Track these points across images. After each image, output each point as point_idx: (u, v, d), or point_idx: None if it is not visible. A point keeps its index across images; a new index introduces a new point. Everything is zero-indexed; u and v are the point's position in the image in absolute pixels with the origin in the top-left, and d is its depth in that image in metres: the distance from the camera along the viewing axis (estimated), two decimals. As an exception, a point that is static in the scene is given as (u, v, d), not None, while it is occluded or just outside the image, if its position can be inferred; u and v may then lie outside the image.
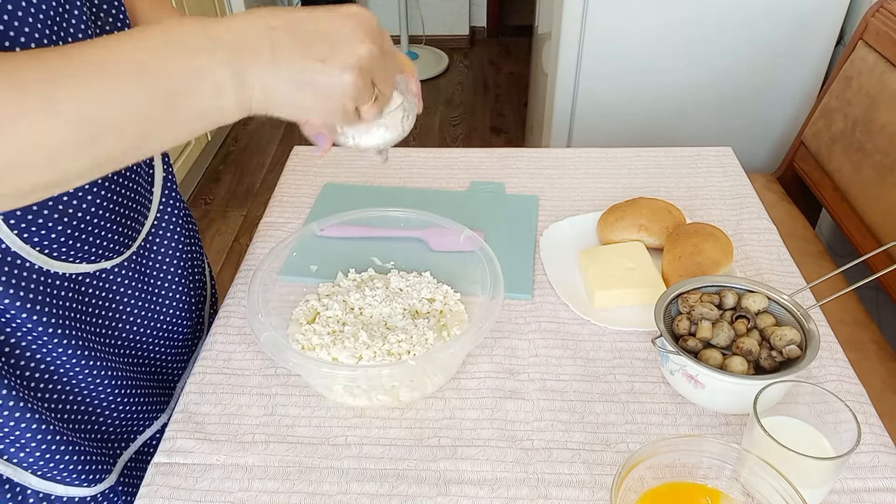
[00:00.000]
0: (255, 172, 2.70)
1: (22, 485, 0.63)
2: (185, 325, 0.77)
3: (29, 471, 0.63)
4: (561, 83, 1.70)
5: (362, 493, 0.64)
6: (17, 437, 0.60)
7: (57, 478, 0.64)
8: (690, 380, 0.68)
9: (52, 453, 0.63)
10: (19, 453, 0.61)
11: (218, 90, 0.43)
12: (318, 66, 0.45)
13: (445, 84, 3.35)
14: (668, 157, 1.11)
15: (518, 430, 0.69)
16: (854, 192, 1.31)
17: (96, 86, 0.40)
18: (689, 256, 0.83)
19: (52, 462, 0.63)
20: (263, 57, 0.44)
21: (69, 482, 0.65)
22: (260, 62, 0.44)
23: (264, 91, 0.45)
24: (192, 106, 0.43)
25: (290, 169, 1.10)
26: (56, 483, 0.64)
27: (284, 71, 0.45)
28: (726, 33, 1.60)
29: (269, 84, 0.45)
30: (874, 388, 0.94)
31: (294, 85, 0.45)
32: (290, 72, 0.45)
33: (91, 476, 0.67)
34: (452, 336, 0.74)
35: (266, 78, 0.44)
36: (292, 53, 0.45)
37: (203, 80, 0.43)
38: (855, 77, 1.36)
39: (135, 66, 0.41)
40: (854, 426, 0.56)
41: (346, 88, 0.46)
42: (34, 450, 0.62)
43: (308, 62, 0.45)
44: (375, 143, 0.58)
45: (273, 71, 0.44)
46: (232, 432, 0.70)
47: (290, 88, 0.45)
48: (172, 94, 0.42)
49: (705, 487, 0.58)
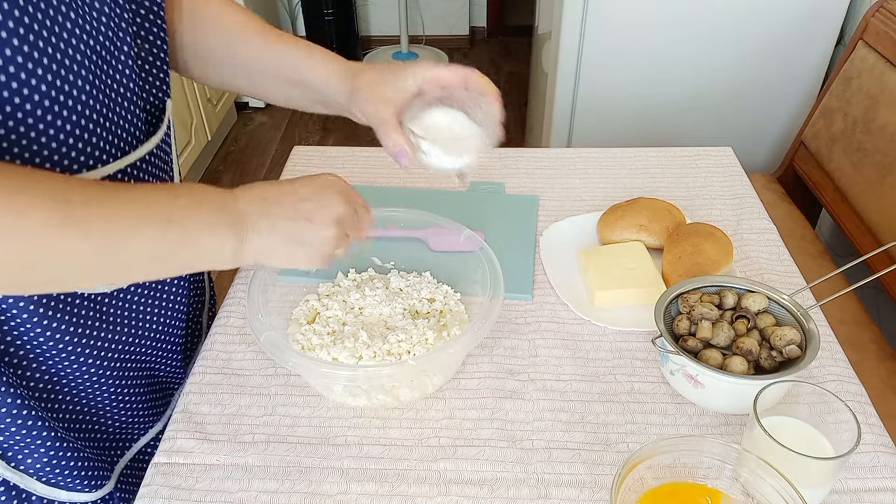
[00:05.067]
0: (255, 172, 2.70)
1: (28, 491, 0.64)
2: (182, 331, 0.77)
3: (34, 477, 0.64)
4: (561, 83, 1.70)
5: (362, 493, 0.64)
6: (25, 445, 0.62)
7: (61, 484, 0.65)
8: (690, 380, 0.68)
9: (57, 460, 0.64)
10: (26, 460, 0.63)
11: (218, 254, 0.54)
12: (306, 224, 0.57)
13: (445, 84, 3.35)
14: (668, 157, 1.11)
15: (518, 430, 0.69)
16: (854, 192, 1.31)
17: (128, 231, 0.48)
18: (689, 256, 0.83)
19: (57, 469, 0.64)
20: (260, 229, 0.55)
21: (72, 488, 0.66)
22: (256, 235, 0.55)
23: (256, 255, 0.56)
24: (193, 261, 0.54)
25: (290, 169, 1.10)
26: (60, 489, 0.66)
27: (277, 235, 0.56)
28: (726, 33, 1.60)
29: (262, 248, 0.55)
30: (874, 388, 0.94)
31: (285, 242, 0.56)
32: (283, 233, 0.56)
33: (93, 482, 0.68)
34: (452, 336, 0.74)
35: (261, 244, 0.55)
36: (284, 221, 0.56)
37: (208, 244, 0.53)
38: (855, 77, 1.36)
39: (163, 221, 0.50)
40: (854, 426, 0.56)
41: (328, 241, 0.58)
42: (41, 457, 0.63)
43: (297, 223, 0.56)
44: (456, 166, 0.65)
45: (268, 236, 0.55)
46: (232, 432, 0.70)
47: (281, 245, 0.56)
48: (184, 249, 0.52)
49: (705, 487, 0.58)
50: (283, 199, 0.57)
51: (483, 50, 3.67)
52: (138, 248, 0.49)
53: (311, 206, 0.57)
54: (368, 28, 3.61)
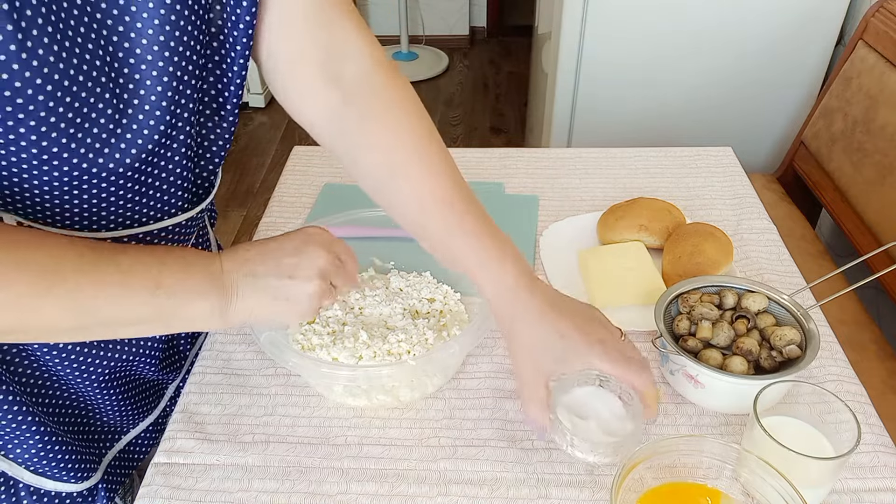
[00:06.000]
0: (255, 172, 2.70)
1: (15, 479, 0.66)
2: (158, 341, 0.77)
3: (23, 466, 0.65)
4: (561, 83, 1.70)
5: (362, 493, 0.64)
6: (14, 436, 0.63)
7: (48, 474, 0.67)
8: (690, 380, 0.68)
9: (45, 451, 0.65)
10: (15, 450, 0.64)
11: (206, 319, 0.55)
12: (289, 282, 0.57)
13: (445, 84, 3.35)
14: (668, 157, 1.11)
15: (518, 430, 0.69)
16: (854, 192, 1.31)
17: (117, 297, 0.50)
18: (689, 256, 0.83)
19: (46, 459, 0.66)
20: (244, 291, 0.56)
21: (59, 478, 0.68)
22: (241, 298, 0.56)
23: (243, 316, 0.56)
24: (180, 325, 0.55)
25: (290, 169, 1.10)
26: (47, 479, 0.67)
27: (262, 295, 0.56)
28: (726, 33, 1.60)
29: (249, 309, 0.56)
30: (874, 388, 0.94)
31: (270, 301, 0.57)
32: (267, 293, 0.56)
33: (79, 473, 0.69)
34: (452, 336, 0.74)
35: (247, 305, 0.56)
36: (267, 279, 0.56)
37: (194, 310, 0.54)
38: (855, 77, 1.36)
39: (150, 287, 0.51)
40: (854, 426, 0.56)
41: (312, 295, 0.58)
42: (29, 447, 0.64)
43: (280, 280, 0.57)
44: (592, 460, 0.61)
45: (252, 297, 0.56)
46: (232, 432, 0.70)
47: (267, 305, 0.57)
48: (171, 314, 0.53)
49: (705, 487, 0.58)
50: (265, 259, 0.57)
51: (483, 50, 3.67)
52: (125, 315, 0.51)
53: (292, 262, 0.58)
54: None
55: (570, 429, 0.61)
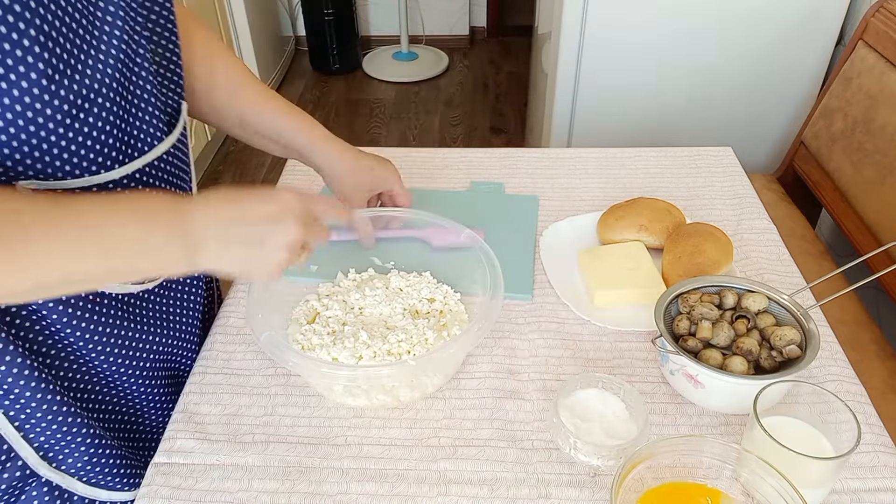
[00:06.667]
0: (255, 172, 2.70)
1: (70, 491, 0.67)
2: (199, 329, 0.80)
3: (76, 477, 0.66)
4: (561, 83, 1.70)
5: (362, 493, 0.64)
6: (66, 444, 0.64)
7: (101, 483, 0.68)
8: (690, 380, 0.68)
9: (97, 458, 0.67)
10: (67, 460, 0.65)
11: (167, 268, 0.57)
12: (258, 251, 0.58)
13: (445, 84, 3.35)
14: (668, 157, 1.11)
15: (518, 430, 0.69)
16: (854, 192, 1.31)
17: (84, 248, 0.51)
18: (689, 256, 0.83)
19: (97, 467, 0.67)
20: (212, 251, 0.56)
21: (111, 487, 0.69)
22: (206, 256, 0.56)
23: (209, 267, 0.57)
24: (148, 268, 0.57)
25: (289, 169, 1.10)
26: (100, 489, 0.68)
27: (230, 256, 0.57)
28: (726, 33, 1.60)
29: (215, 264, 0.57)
30: (874, 388, 0.94)
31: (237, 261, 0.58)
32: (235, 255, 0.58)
33: (130, 480, 0.70)
34: (452, 336, 0.74)
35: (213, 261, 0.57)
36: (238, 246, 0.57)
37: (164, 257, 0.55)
38: (855, 77, 1.36)
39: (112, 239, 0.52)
40: (854, 426, 0.56)
41: (281, 262, 0.60)
42: (80, 456, 0.66)
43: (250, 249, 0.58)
44: (596, 463, 0.61)
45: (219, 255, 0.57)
46: (232, 432, 0.70)
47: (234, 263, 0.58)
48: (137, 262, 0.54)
49: (705, 487, 0.58)
50: (241, 217, 0.57)
51: (483, 50, 3.67)
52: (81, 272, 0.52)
53: (264, 231, 0.58)
54: (368, 28, 3.61)
55: (573, 432, 0.61)
